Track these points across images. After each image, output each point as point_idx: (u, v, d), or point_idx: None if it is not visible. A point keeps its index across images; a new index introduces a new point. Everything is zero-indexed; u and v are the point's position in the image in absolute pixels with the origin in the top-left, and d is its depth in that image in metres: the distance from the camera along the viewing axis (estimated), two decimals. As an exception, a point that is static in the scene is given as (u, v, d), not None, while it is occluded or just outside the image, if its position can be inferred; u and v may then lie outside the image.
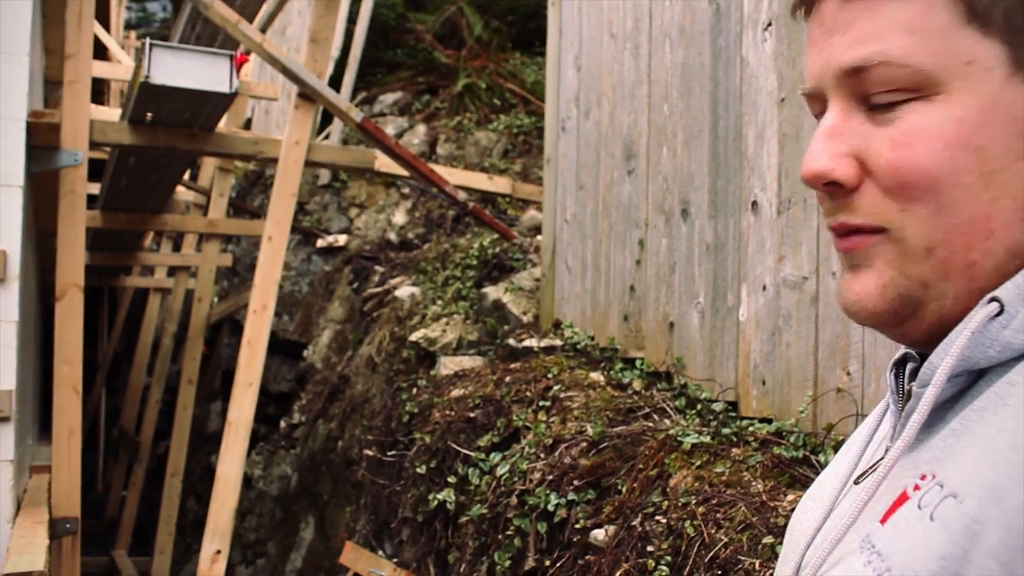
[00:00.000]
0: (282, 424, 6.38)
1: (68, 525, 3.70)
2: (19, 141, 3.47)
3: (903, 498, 0.63)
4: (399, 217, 7.02)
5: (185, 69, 4.06)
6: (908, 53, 0.65)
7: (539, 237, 4.95)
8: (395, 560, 3.81)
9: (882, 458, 0.71)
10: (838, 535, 0.69)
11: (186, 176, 7.10)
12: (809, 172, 0.69)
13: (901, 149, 0.66)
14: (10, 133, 3.45)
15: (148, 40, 4.09)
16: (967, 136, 0.64)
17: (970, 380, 0.66)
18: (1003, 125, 0.64)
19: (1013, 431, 0.57)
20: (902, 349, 0.75)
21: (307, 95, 4.38)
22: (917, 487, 0.62)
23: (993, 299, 0.63)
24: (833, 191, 0.70)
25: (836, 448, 2.41)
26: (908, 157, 0.65)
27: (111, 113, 6.14)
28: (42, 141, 3.70)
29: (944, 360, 0.64)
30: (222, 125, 5.38)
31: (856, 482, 0.75)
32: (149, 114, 4.52)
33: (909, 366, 0.73)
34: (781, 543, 2.12)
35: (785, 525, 2.23)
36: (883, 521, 0.64)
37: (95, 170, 6.39)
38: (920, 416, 0.65)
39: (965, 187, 0.64)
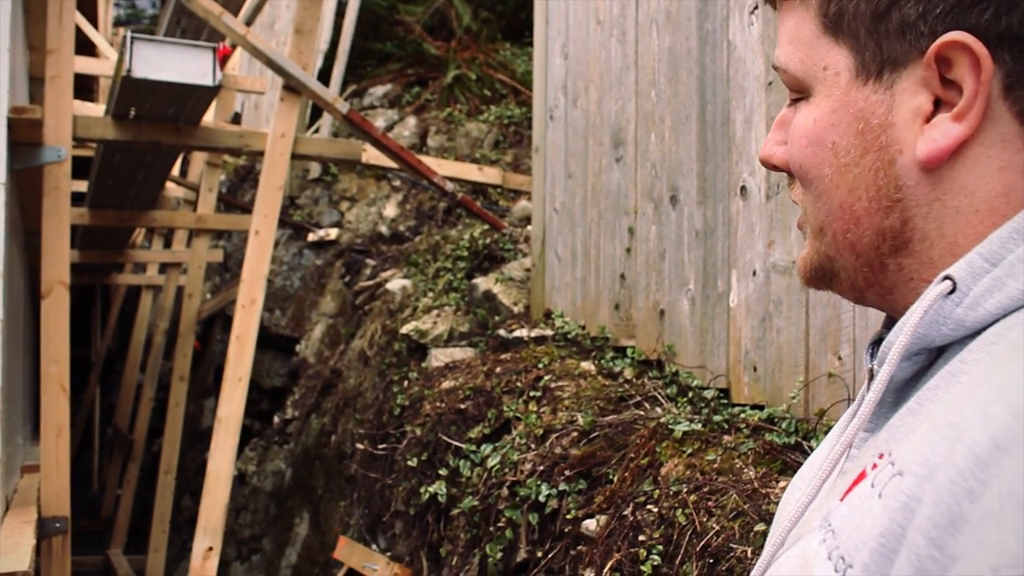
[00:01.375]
0: (275, 419, 6.35)
1: (58, 524, 3.67)
2: (0, 138, 3.42)
3: (862, 476, 0.65)
4: (390, 210, 6.99)
5: (167, 62, 4.01)
6: (787, 60, 0.76)
7: (529, 227, 4.92)
8: (388, 554, 3.79)
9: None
10: (797, 513, 0.71)
11: (176, 172, 7.06)
12: (759, 156, 0.81)
13: (790, 144, 0.76)
14: (-9, 130, 3.41)
15: (129, 33, 4.04)
16: (821, 134, 0.73)
17: (931, 358, 0.68)
18: (849, 124, 0.71)
19: (956, 408, 0.58)
20: (879, 329, 0.78)
21: (292, 87, 4.34)
22: (875, 465, 0.63)
23: (946, 277, 0.65)
24: (783, 173, 0.79)
25: (828, 434, 2.39)
26: (790, 151, 0.76)
27: (99, 109, 6.10)
28: (25, 137, 3.67)
29: (898, 339, 0.66)
30: (209, 119, 5.34)
31: None
32: (133, 109, 4.48)
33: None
34: (773, 530, 2.10)
35: (776, 512, 2.21)
36: (842, 499, 0.66)
37: (82, 167, 6.35)
38: (875, 395, 0.68)
39: (828, 178, 0.73)
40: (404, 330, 4.61)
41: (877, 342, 0.76)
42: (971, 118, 0.65)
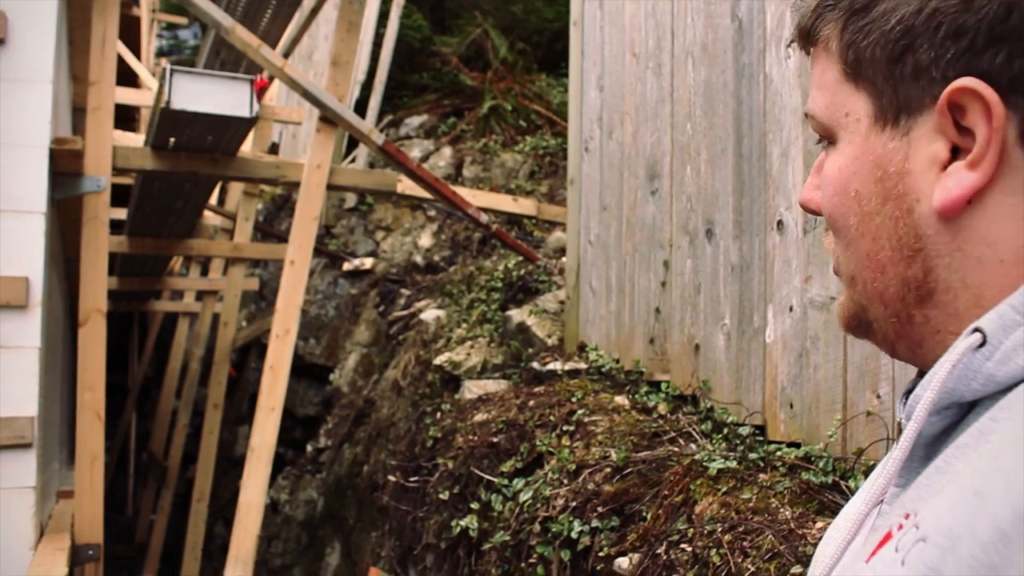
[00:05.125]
0: (308, 448, 6.36)
1: (91, 552, 3.69)
2: (42, 168, 3.48)
3: (887, 537, 0.62)
4: (425, 240, 7.01)
5: (205, 94, 4.06)
6: (814, 106, 0.75)
7: (564, 259, 4.91)
8: (419, 587, 3.76)
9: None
10: (822, 573, 0.70)
11: (213, 200, 7.13)
12: (799, 200, 0.82)
13: (821, 192, 0.76)
14: (33, 160, 3.46)
15: (168, 66, 4.10)
16: (845, 182, 0.72)
17: (962, 412, 0.64)
18: (869, 172, 0.70)
19: (983, 473, 0.55)
20: (913, 378, 0.74)
21: (329, 119, 4.37)
22: (901, 526, 0.61)
23: (976, 329, 0.62)
24: (821, 217, 0.78)
25: (866, 473, 2.34)
26: (822, 199, 0.76)
27: (140, 139, 6.19)
28: (65, 167, 3.72)
29: (926, 393, 0.64)
30: (247, 149, 5.40)
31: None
32: (171, 139, 4.53)
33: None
34: (809, 573, 2.05)
35: (813, 554, 2.16)
36: (867, 561, 0.64)
37: (122, 196, 6.44)
38: (902, 452, 0.65)
39: (854, 228, 0.72)
40: (437, 361, 4.60)
41: (910, 392, 0.73)
42: (985, 166, 0.63)
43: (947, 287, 0.67)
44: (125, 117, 9.00)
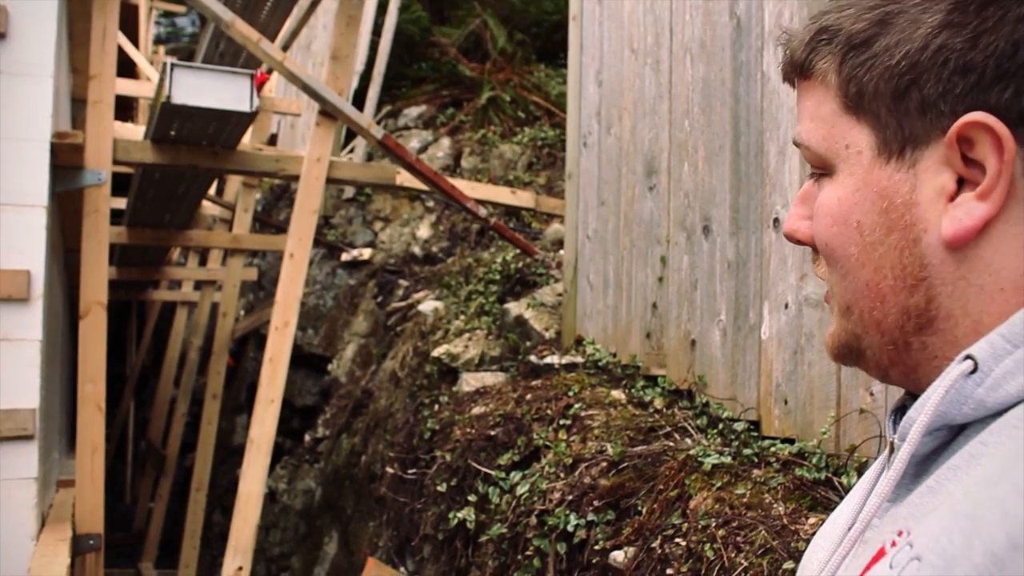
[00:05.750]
0: (307, 438, 6.39)
1: (91, 541, 3.72)
2: (43, 162, 3.49)
3: (880, 554, 0.65)
4: (423, 231, 7.03)
5: (206, 89, 4.08)
6: (808, 137, 0.76)
7: (562, 252, 4.93)
8: (416, 578, 3.80)
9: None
10: None
11: (212, 191, 7.14)
12: (784, 231, 0.81)
13: (815, 222, 0.76)
14: (34, 154, 3.47)
15: (169, 61, 4.12)
16: (846, 213, 0.73)
17: (951, 434, 0.67)
18: (873, 203, 0.71)
19: (974, 497, 0.58)
20: (902, 396, 0.77)
21: (328, 112, 4.39)
22: (894, 543, 0.64)
23: (968, 357, 0.65)
24: (807, 246, 0.79)
25: (859, 470, 2.38)
26: (815, 229, 0.76)
27: (138, 130, 6.19)
28: (66, 161, 3.73)
29: (919, 417, 0.66)
30: (247, 140, 5.41)
31: None
32: (172, 133, 4.55)
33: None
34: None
35: (806, 549, 2.19)
36: (861, 575, 0.66)
37: (121, 185, 6.45)
38: (895, 473, 0.68)
39: (854, 258, 0.73)
40: (435, 353, 4.63)
41: (899, 410, 0.76)
42: (995, 197, 0.65)
43: (948, 315, 0.69)
44: (122, 105, 8.99)
